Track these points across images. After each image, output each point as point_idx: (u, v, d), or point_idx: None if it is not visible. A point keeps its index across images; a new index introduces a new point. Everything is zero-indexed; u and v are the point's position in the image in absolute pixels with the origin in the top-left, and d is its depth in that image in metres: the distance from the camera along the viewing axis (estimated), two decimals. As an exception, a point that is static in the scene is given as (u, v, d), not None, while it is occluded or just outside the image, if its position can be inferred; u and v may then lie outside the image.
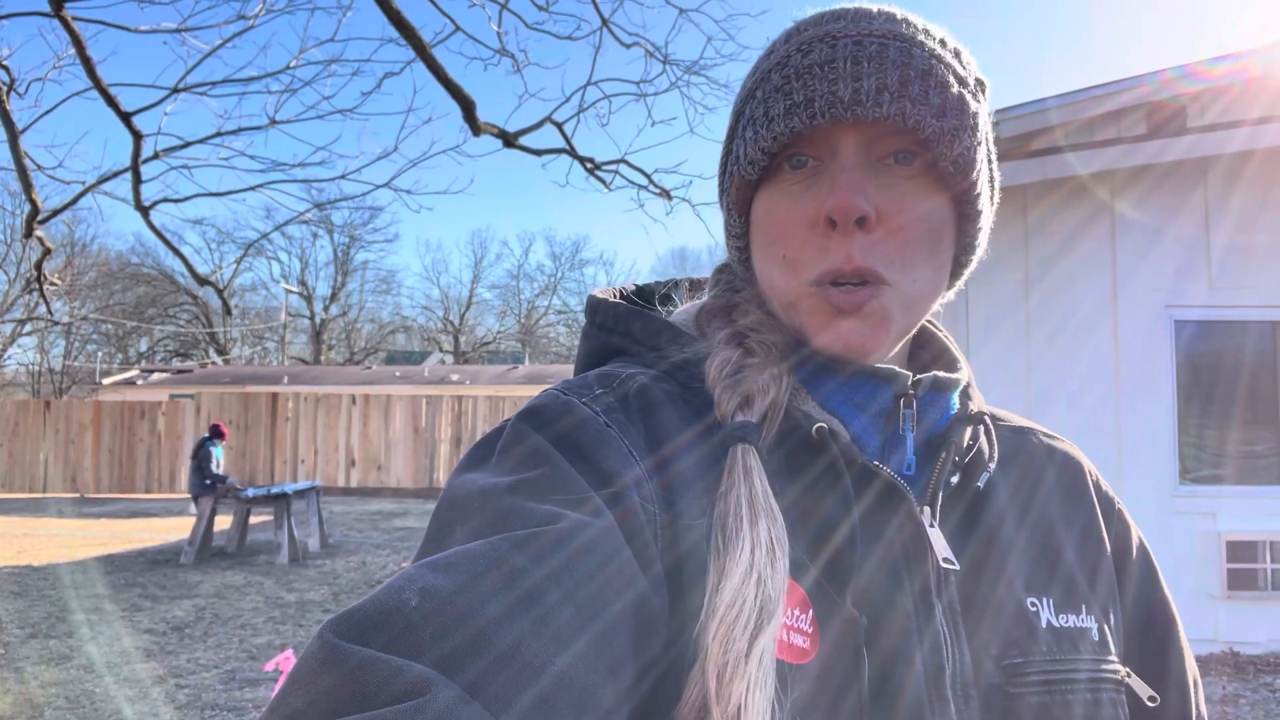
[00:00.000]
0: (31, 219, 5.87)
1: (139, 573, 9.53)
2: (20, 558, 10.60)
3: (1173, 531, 5.70)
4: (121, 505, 17.27)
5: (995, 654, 0.62)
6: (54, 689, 5.36)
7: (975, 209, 0.67)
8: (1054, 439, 0.80)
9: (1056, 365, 5.93)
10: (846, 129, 0.62)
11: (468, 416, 19.39)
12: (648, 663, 0.52)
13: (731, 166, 0.69)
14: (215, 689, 5.38)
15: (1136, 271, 5.95)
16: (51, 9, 4.83)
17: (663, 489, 0.59)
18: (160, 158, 5.86)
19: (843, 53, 0.62)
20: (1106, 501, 0.78)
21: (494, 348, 50.03)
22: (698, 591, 0.55)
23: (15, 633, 6.79)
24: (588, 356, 0.75)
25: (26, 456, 19.23)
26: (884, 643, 0.59)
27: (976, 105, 0.64)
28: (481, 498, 0.54)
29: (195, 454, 10.78)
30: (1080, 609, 0.68)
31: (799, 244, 0.64)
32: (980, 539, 0.67)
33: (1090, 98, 6.05)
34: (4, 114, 5.18)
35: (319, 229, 44.59)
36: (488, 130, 5.70)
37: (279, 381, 25.82)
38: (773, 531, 0.56)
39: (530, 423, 0.60)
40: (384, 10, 4.91)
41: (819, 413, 0.66)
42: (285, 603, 7.99)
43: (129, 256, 43.50)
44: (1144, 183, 5.98)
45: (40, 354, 42.49)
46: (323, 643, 0.43)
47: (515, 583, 0.47)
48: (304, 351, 47.10)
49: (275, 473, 19.07)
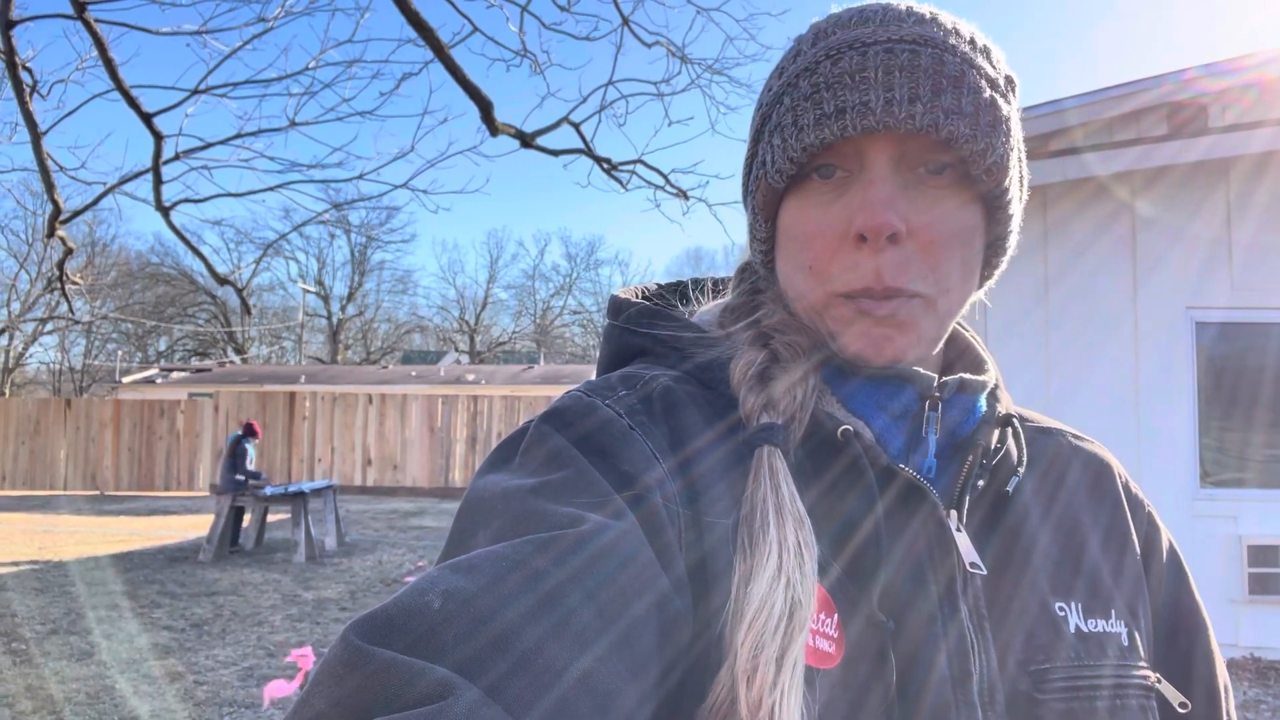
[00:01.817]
0: (54, 219, 5.93)
1: (158, 570, 9.61)
2: (41, 554, 10.71)
3: (1193, 535, 5.65)
4: (141, 503, 17.42)
5: (1021, 659, 0.61)
6: (75, 685, 5.42)
7: (1006, 210, 0.66)
8: (1082, 440, 0.79)
9: (1076, 366, 5.89)
10: (877, 140, 0.61)
11: (483, 416, 19.43)
12: (671, 663, 0.52)
13: (758, 171, 0.68)
14: (233, 686, 5.42)
15: (1157, 272, 5.89)
16: (75, 11, 4.88)
17: (686, 489, 0.58)
18: (181, 159, 5.91)
19: (874, 61, 0.61)
20: (1136, 503, 0.77)
21: (509, 348, 50.15)
22: (722, 593, 0.55)
23: (37, 629, 6.86)
24: (611, 357, 0.75)
25: (47, 454, 19.43)
26: (908, 647, 0.58)
27: (1008, 107, 0.63)
28: (504, 500, 0.54)
29: (232, 451, 10.86)
30: (1109, 613, 0.67)
31: (828, 256, 0.63)
32: (1007, 542, 0.66)
33: (1110, 98, 6.00)
34: (27, 115, 5.23)
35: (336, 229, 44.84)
36: (505, 131, 5.72)
37: (296, 381, 25.97)
38: (800, 535, 0.55)
39: (553, 424, 0.60)
40: (402, 11, 4.93)
41: (843, 414, 0.65)
42: (302, 601, 8.03)
43: (149, 256, 43.96)
44: (1165, 182, 5.92)
45: (61, 353, 42.96)
46: (346, 644, 0.43)
47: (537, 585, 0.47)
48: (321, 351, 47.38)
49: (292, 471, 19.17)
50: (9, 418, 19.51)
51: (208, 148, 6.03)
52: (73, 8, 4.88)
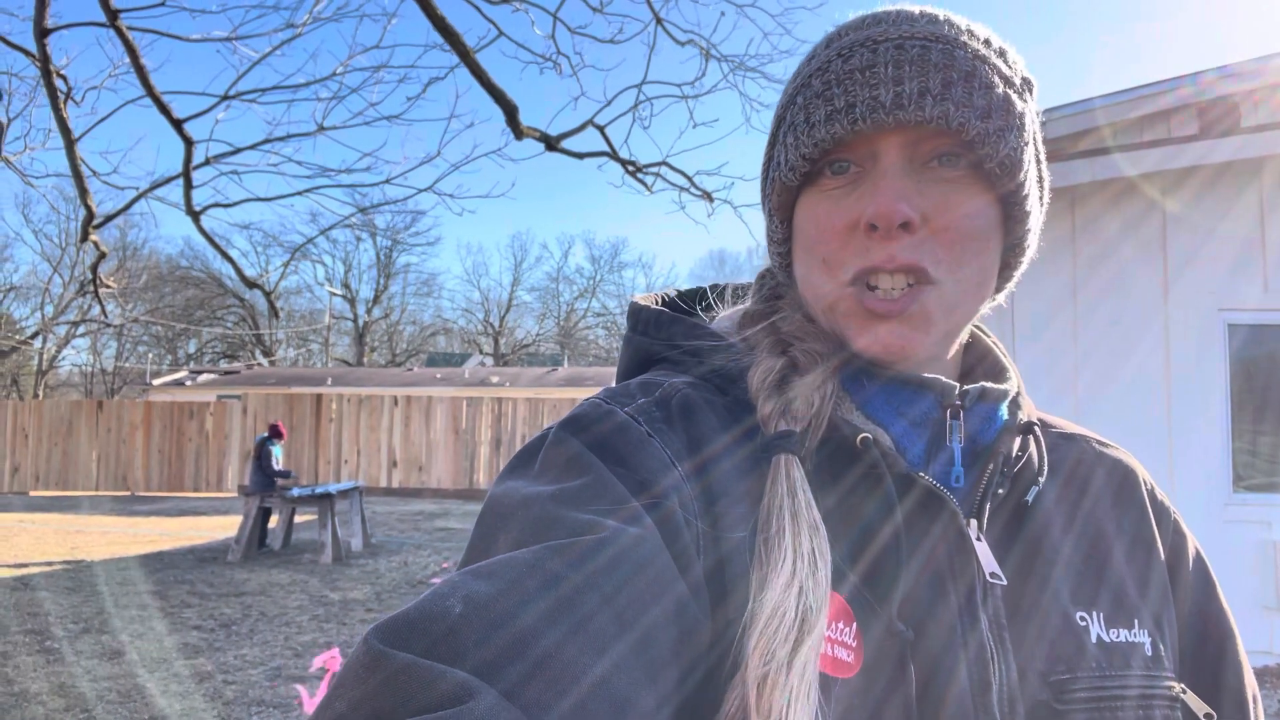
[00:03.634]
0: (87, 224, 6.02)
1: (187, 570, 9.72)
2: (74, 554, 10.87)
3: (1225, 541, 5.56)
4: (170, 504, 17.63)
5: (1042, 670, 0.61)
6: (106, 683, 5.49)
7: (1024, 210, 0.66)
8: (1107, 446, 0.78)
9: (1105, 368, 5.81)
10: (889, 133, 0.62)
11: (507, 418, 19.51)
12: (688, 668, 0.52)
13: (773, 172, 0.68)
14: (261, 685, 5.47)
15: (1188, 272, 5.81)
16: (107, 19, 4.96)
17: (703, 496, 0.58)
18: (211, 164, 5.99)
19: (884, 56, 0.61)
20: (1161, 510, 0.75)
21: (533, 350, 50.30)
22: (738, 599, 0.55)
23: (69, 627, 6.97)
24: (629, 363, 0.75)
25: (79, 455, 19.72)
26: (928, 657, 0.58)
27: (1023, 105, 0.63)
28: (524, 506, 0.54)
29: (257, 453, 11.06)
30: (1132, 623, 0.66)
31: (839, 247, 0.64)
32: (1028, 551, 0.66)
33: (1138, 97, 5.93)
34: (61, 121, 5.32)
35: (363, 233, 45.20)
36: (530, 134, 5.74)
37: (323, 383, 26.20)
38: (815, 543, 0.55)
39: (572, 431, 0.60)
40: (429, 16, 4.96)
41: (861, 420, 0.65)
42: (329, 601, 8.10)
43: (179, 260, 44.49)
44: (1196, 180, 5.84)
45: (93, 355, 43.58)
46: (367, 647, 0.43)
47: (555, 589, 0.48)
48: (347, 353, 47.75)
49: (319, 473, 19.34)
50: (42, 419, 19.82)
51: (237, 153, 6.11)
52: (105, 15, 4.96)
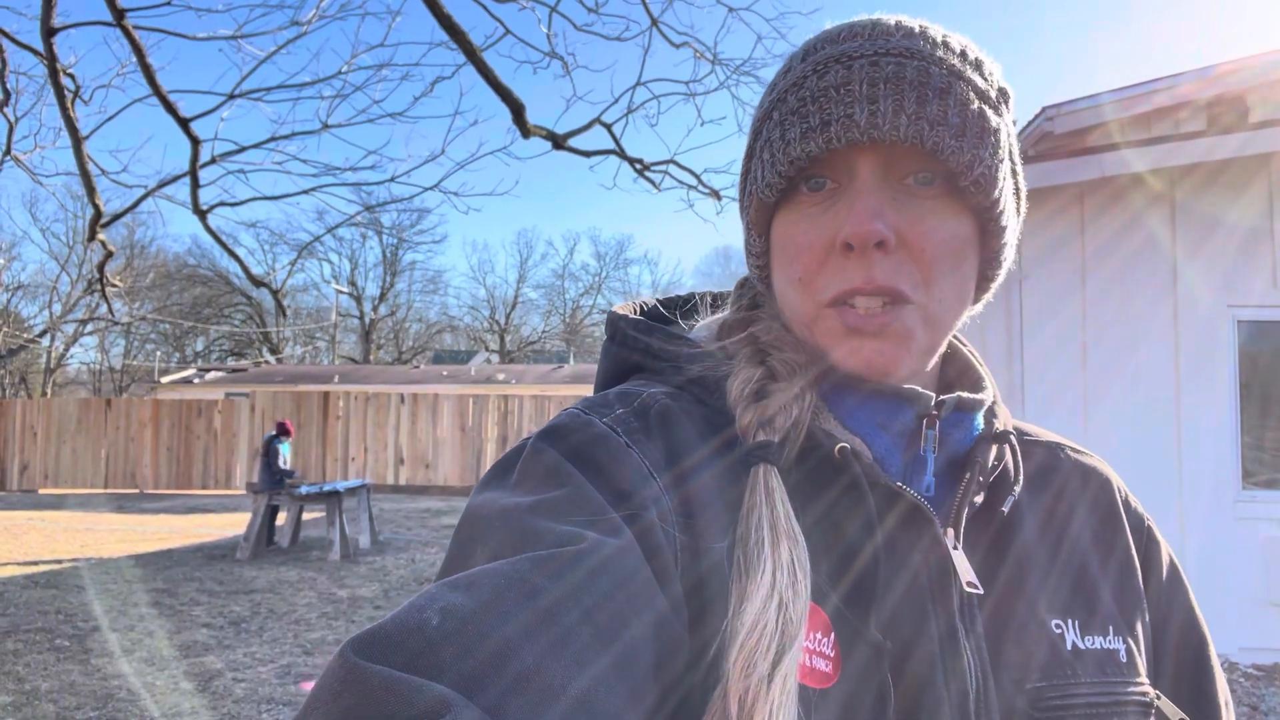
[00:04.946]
0: (94, 222, 6.05)
1: (196, 567, 9.76)
2: (84, 551, 10.92)
3: (1234, 538, 5.54)
4: (179, 501, 17.70)
5: (1018, 678, 0.61)
6: (116, 681, 5.52)
7: (1000, 225, 0.65)
8: (1082, 454, 0.79)
9: (1112, 360, 5.79)
10: (864, 151, 0.61)
11: (513, 416, 19.53)
12: (669, 684, 0.52)
13: (750, 187, 0.68)
14: (271, 683, 5.49)
15: (1196, 265, 5.79)
16: (114, 18, 4.97)
17: (682, 509, 0.58)
18: (217, 162, 6.01)
19: (859, 74, 0.61)
20: (1135, 518, 0.76)
21: (539, 347, 50.38)
22: (718, 613, 0.55)
23: (79, 625, 7.00)
24: (608, 373, 0.75)
25: (88, 453, 19.80)
26: (906, 666, 0.58)
27: (998, 120, 0.63)
28: (503, 517, 0.54)
29: (265, 451, 11.09)
30: (1107, 630, 0.66)
31: (816, 267, 0.63)
32: (1005, 560, 0.66)
33: (1145, 92, 5.91)
34: (68, 120, 5.33)
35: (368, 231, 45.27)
36: (537, 133, 5.74)
37: (330, 380, 26.25)
38: (794, 554, 0.55)
39: (550, 441, 0.60)
40: (434, 14, 4.96)
41: (841, 432, 0.65)
42: (337, 599, 8.12)
43: (186, 258, 44.66)
44: (1202, 174, 5.82)
45: (101, 353, 43.74)
46: (344, 661, 0.42)
47: (535, 603, 0.47)
48: (354, 351, 47.86)
49: (326, 470, 19.39)
50: (50, 417, 19.91)
51: (243, 151, 6.13)
52: (112, 15, 4.97)
